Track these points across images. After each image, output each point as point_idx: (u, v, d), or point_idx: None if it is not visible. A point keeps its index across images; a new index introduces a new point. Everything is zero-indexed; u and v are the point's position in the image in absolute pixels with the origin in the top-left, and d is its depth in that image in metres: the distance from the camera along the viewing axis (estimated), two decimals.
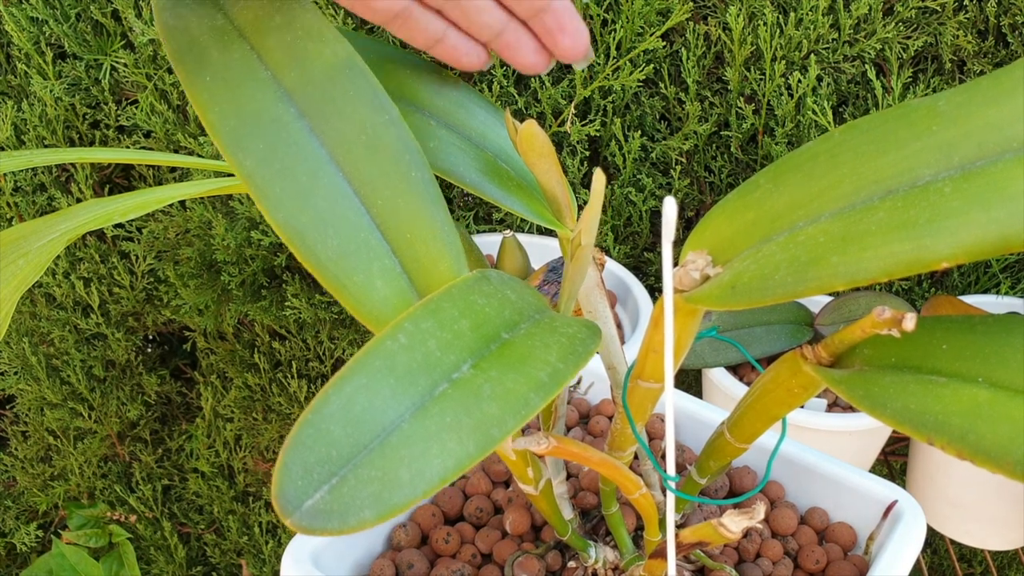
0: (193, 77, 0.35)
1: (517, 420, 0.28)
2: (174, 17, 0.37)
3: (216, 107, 0.35)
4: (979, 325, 0.30)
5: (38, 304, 1.07)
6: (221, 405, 1.11)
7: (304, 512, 0.26)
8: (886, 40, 0.89)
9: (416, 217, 0.35)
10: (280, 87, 0.36)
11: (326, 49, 0.37)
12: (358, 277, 0.34)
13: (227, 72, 0.36)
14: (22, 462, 1.15)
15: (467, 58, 0.41)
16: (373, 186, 0.35)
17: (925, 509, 0.79)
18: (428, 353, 0.29)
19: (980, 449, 0.25)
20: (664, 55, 0.95)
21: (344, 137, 0.36)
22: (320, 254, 0.33)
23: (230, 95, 0.35)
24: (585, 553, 0.50)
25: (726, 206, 0.34)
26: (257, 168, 0.34)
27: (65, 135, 0.99)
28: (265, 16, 0.37)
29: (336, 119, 0.36)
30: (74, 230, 0.51)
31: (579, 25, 0.41)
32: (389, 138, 0.36)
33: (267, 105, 0.35)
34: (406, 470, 0.26)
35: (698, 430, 0.59)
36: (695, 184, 1.00)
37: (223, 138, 0.34)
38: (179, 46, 0.36)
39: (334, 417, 0.27)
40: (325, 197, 0.34)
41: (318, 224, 0.34)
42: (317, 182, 0.35)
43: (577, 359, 0.31)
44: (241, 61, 0.36)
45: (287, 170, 0.34)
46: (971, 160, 0.28)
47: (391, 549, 0.54)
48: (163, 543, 1.15)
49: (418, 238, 0.35)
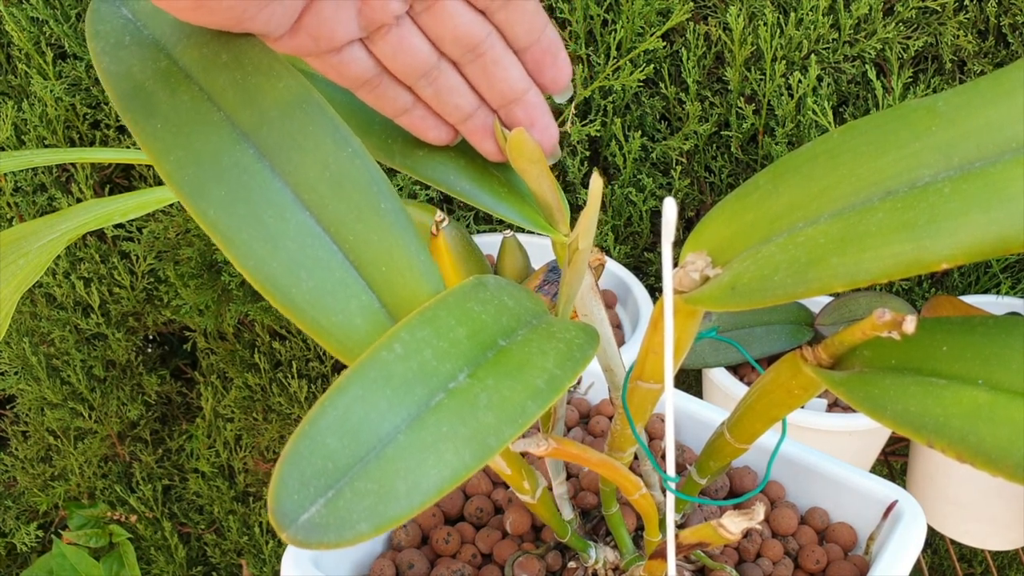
0: (143, 125, 0.34)
1: (514, 429, 0.28)
2: (114, 62, 0.35)
3: (171, 155, 0.33)
4: (979, 327, 0.30)
5: (38, 304, 1.07)
6: (221, 405, 1.11)
7: (300, 526, 0.25)
8: (886, 40, 0.89)
9: (390, 250, 0.34)
10: (236, 128, 0.35)
11: (279, 84, 0.35)
12: (337, 317, 0.33)
13: (178, 117, 0.34)
14: (22, 462, 1.15)
15: (434, 132, 0.40)
16: (343, 222, 0.34)
17: (925, 509, 0.79)
18: (424, 363, 0.29)
19: (980, 452, 0.25)
20: (664, 55, 0.95)
21: (308, 175, 0.34)
22: (296, 298, 0.32)
23: (184, 141, 0.34)
24: (585, 554, 0.50)
25: (725, 207, 0.34)
26: (221, 216, 0.33)
27: (65, 135, 0.99)
28: (211, 54, 0.36)
29: (298, 157, 0.34)
30: (74, 230, 0.51)
31: (549, 121, 0.40)
32: (354, 171, 0.35)
33: (225, 148, 0.34)
34: (402, 482, 0.26)
35: (698, 430, 0.59)
36: (695, 184, 1.00)
37: (182, 188, 0.33)
38: (125, 95, 0.34)
39: (330, 429, 0.27)
40: (295, 239, 0.33)
41: (290, 267, 0.33)
42: (285, 224, 0.33)
43: (575, 365, 0.31)
44: (191, 104, 0.35)
45: (252, 215, 0.33)
46: (970, 161, 0.28)
47: (391, 549, 0.54)
48: (163, 543, 1.15)
49: (394, 270, 0.34)
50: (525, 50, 0.39)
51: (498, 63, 0.38)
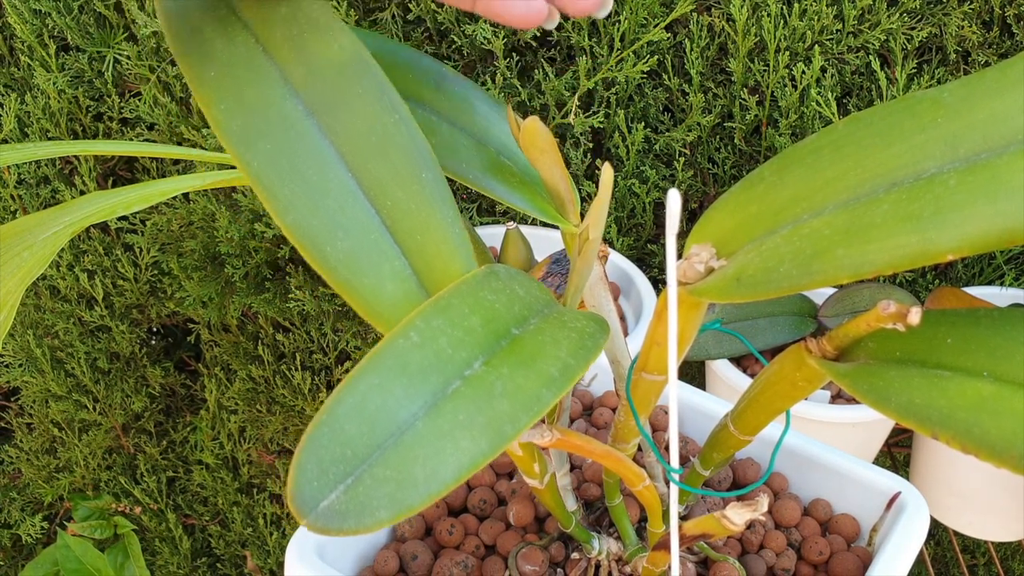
0: (197, 71, 0.34)
1: (529, 417, 0.28)
2: (176, 5, 0.36)
3: (222, 103, 0.34)
4: (983, 319, 0.30)
5: (42, 296, 1.07)
6: (225, 397, 1.11)
7: (320, 513, 0.26)
8: (890, 31, 0.89)
9: (427, 219, 0.34)
10: (287, 83, 0.35)
11: (333, 43, 0.35)
12: (368, 280, 0.33)
13: (232, 67, 0.34)
14: (27, 454, 1.16)
15: (522, 8, 0.35)
16: (383, 187, 0.34)
17: (928, 500, 0.79)
18: (440, 351, 0.29)
19: (984, 443, 0.25)
20: (668, 46, 0.95)
21: (354, 136, 0.35)
22: (330, 256, 0.33)
23: (236, 92, 0.34)
24: (589, 545, 0.50)
25: (730, 199, 0.34)
26: (265, 169, 0.33)
27: (68, 127, 0.99)
28: (269, 6, 0.36)
29: (346, 117, 0.35)
30: (78, 223, 0.51)
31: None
32: (400, 137, 0.35)
33: (274, 102, 0.34)
34: (421, 469, 0.26)
35: (702, 422, 0.59)
36: (699, 176, 1.00)
37: (230, 137, 0.33)
38: (182, 37, 0.35)
39: (348, 416, 0.27)
40: (336, 198, 0.33)
41: (328, 226, 0.33)
42: (327, 183, 0.34)
43: (587, 354, 0.31)
44: (246, 55, 0.35)
45: (296, 171, 0.33)
46: (976, 152, 0.28)
47: (395, 540, 0.54)
48: (168, 534, 1.15)
49: (429, 240, 0.34)
50: None
51: None
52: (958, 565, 1.13)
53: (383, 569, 0.51)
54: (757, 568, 0.51)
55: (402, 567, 0.52)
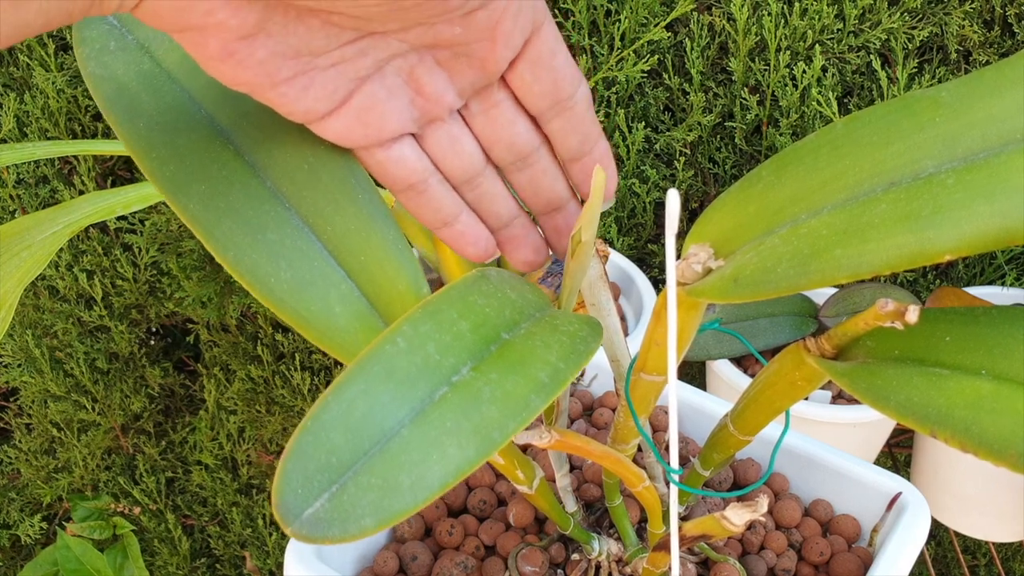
0: (127, 126, 0.35)
1: (518, 423, 0.28)
2: (100, 67, 0.36)
3: (153, 153, 0.34)
4: (983, 317, 0.30)
5: (41, 297, 1.07)
6: (224, 397, 1.11)
7: (304, 521, 0.25)
8: (891, 30, 0.89)
9: (368, 239, 0.35)
10: (216, 125, 0.35)
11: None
12: (316, 306, 0.33)
13: (161, 116, 0.35)
14: (26, 454, 1.16)
15: (472, 248, 0.38)
16: (321, 213, 0.35)
17: (929, 501, 0.79)
18: (427, 356, 0.29)
19: (983, 442, 0.25)
20: (668, 46, 0.95)
21: (287, 168, 0.35)
22: (275, 288, 0.33)
23: (167, 139, 0.34)
24: (589, 546, 0.50)
25: (728, 199, 0.34)
26: (202, 211, 0.33)
27: (67, 127, 0.99)
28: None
29: (277, 151, 0.35)
30: (77, 223, 0.51)
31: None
32: (332, 163, 0.35)
33: (205, 145, 0.35)
34: (407, 476, 0.26)
35: (701, 422, 0.59)
36: (699, 175, 1.00)
37: (164, 185, 0.33)
38: (108, 95, 0.35)
39: (334, 424, 0.27)
40: (274, 230, 0.34)
41: (270, 258, 0.33)
42: (264, 216, 0.34)
43: (578, 358, 0.31)
44: (174, 104, 0.35)
45: (232, 208, 0.34)
46: (975, 152, 0.28)
47: (395, 541, 0.54)
48: (167, 535, 1.15)
49: (372, 259, 0.34)
50: (576, 160, 0.37)
51: (547, 173, 0.37)
52: (959, 566, 1.13)
53: (383, 570, 0.51)
54: (758, 569, 0.51)
55: (402, 568, 0.52)
